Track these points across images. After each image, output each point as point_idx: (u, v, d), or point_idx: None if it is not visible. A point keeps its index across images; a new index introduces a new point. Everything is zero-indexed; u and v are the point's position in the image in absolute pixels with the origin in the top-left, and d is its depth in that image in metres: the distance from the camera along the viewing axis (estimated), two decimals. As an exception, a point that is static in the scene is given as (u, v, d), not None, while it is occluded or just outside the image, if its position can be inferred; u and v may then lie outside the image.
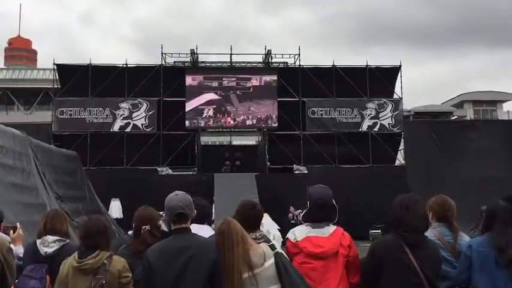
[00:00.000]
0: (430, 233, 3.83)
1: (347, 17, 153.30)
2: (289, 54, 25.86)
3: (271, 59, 25.93)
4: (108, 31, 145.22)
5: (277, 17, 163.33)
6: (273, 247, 3.24)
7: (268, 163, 24.39)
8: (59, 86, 24.83)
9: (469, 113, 42.48)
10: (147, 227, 3.79)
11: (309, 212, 3.64)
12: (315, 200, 3.63)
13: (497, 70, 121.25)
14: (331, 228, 3.58)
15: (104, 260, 3.48)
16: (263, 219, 3.86)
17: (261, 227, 3.77)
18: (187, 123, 24.46)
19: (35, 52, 56.99)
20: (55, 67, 24.79)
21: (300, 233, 3.54)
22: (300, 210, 3.87)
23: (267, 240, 3.32)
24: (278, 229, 6.60)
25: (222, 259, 3.14)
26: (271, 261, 3.16)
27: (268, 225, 3.84)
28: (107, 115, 24.30)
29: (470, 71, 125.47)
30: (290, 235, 3.56)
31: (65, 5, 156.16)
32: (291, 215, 18.47)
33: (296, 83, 24.44)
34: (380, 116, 24.99)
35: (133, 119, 24.35)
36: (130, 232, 4.40)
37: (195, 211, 3.47)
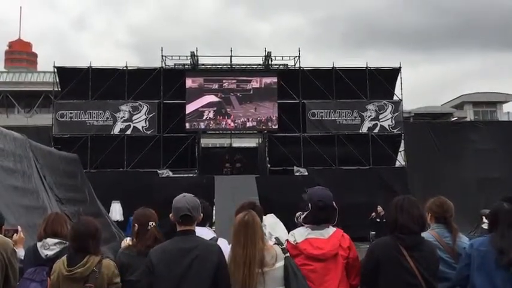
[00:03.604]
0: (428, 234, 3.85)
1: (339, 21, 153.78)
2: (289, 56, 25.89)
3: (271, 61, 25.94)
4: (102, 36, 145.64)
5: (269, 22, 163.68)
6: (284, 251, 3.29)
7: (269, 165, 24.38)
8: (59, 89, 24.84)
9: (469, 114, 42.51)
10: (153, 223, 3.83)
11: (310, 214, 3.65)
12: (315, 201, 3.64)
13: (491, 72, 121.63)
14: (331, 230, 3.59)
15: (94, 267, 3.50)
16: (266, 219, 3.88)
17: (263, 228, 3.79)
18: (187, 125, 24.47)
19: (35, 55, 57.08)
20: (55, 70, 24.80)
21: (299, 235, 3.55)
22: (300, 213, 3.87)
23: (280, 243, 3.36)
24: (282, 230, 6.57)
25: (239, 250, 3.18)
26: (281, 263, 3.22)
27: (271, 226, 3.84)
28: (107, 118, 24.30)
29: (464, 73, 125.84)
30: (290, 237, 3.57)
31: (59, 10, 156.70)
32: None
33: (296, 85, 24.45)
34: (380, 117, 24.99)
35: (134, 121, 24.36)
36: (128, 238, 4.41)
37: (202, 214, 3.49)
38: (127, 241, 4.25)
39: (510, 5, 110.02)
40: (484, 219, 8.82)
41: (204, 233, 3.91)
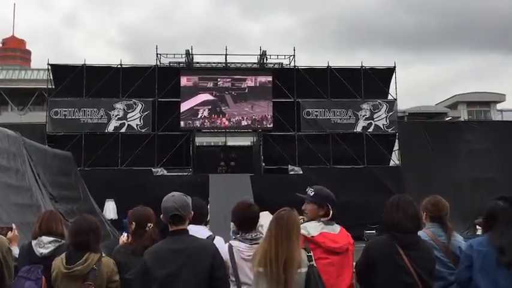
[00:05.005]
0: (423, 233, 3.85)
1: (330, 21, 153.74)
2: (284, 55, 25.90)
3: (266, 59, 25.94)
4: (95, 35, 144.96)
5: (260, 23, 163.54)
6: (310, 258, 3.25)
7: (263, 164, 24.39)
8: (53, 87, 24.73)
9: (463, 114, 42.69)
10: (151, 224, 3.82)
11: (334, 213, 3.66)
12: (333, 199, 3.69)
13: (483, 73, 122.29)
14: (337, 226, 3.62)
15: (94, 265, 3.48)
16: (263, 219, 3.86)
17: (260, 229, 3.77)
18: (182, 123, 24.44)
19: (29, 52, 56.70)
20: (49, 67, 24.69)
21: (313, 228, 3.52)
22: (302, 216, 3.86)
23: (307, 250, 3.32)
24: None
25: (270, 245, 3.15)
26: (304, 269, 3.17)
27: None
28: (102, 116, 24.23)
29: (457, 73, 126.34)
30: (302, 230, 3.49)
31: (53, 8, 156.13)
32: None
33: (291, 84, 24.46)
34: (374, 116, 25.06)
35: (128, 119, 24.30)
36: (125, 234, 4.39)
37: (192, 212, 3.47)
38: (124, 237, 4.23)
39: (502, 7, 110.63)
40: (478, 228, 8.82)
41: (201, 231, 3.90)
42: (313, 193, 3.68)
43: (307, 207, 3.68)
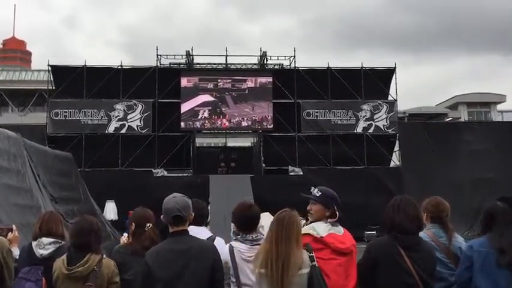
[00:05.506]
0: (424, 234, 3.85)
1: (329, 22, 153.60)
2: (284, 56, 25.91)
3: (266, 60, 25.96)
4: (95, 36, 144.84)
5: (259, 24, 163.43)
6: (312, 259, 3.23)
7: (264, 165, 24.39)
8: (54, 88, 24.75)
9: (463, 115, 42.64)
10: (151, 224, 3.83)
11: (341, 215, 3.65)
12: (339, 200, 3.68)
13: (482, 73, 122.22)
14: (341, 227, 3.60)
15: (94, 266, 3.48)
16: (264, 220, 3.85)
17: (260, 230, 3.76)
18: (182, 124, 24.45)
19: (29, 53, 56.69)
20: (50, 68, 24.71)
21: (322, 229, 3.50)
22: (302, 218, 3.83)
23: (309, 250, 3.30)
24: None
25: (271, 246, 3.14)
26: (305, 271, 3.15)
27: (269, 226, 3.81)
28: (102, 117, 24.24)
29: (456, 74, 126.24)
30: (311, 231, 3.49)
31: (53, 9, 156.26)
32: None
33: (291, 85, 24.48)
34: (375, 117, 25.06)
35: (129, 120, 24.31)
36: (125, 234, 4.39)
37: (193, 213, 3.47)
38: (125, 237, 4.23)
39: (502, 7, 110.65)
40: None
41: (202, 233, 3.90)
42: (319, 194, 3.64)
43: (313, 207, 3.64)
